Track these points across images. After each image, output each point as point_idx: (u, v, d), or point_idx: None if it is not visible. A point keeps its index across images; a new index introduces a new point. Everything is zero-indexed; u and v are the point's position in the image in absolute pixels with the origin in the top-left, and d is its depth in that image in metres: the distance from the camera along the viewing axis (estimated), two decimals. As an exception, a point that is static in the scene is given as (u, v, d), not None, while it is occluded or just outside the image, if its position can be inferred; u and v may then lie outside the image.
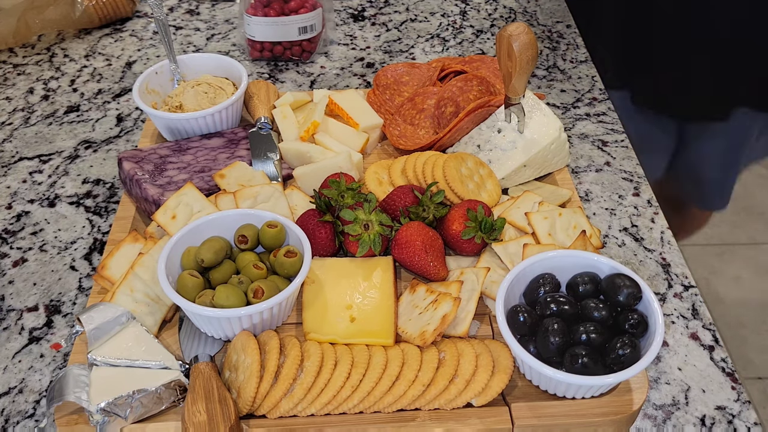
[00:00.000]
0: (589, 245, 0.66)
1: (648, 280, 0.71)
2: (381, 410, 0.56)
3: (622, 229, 0.77)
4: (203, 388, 0.55)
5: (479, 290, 0.63)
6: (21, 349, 0.66)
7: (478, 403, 0.56)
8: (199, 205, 0.69)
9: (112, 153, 0.90)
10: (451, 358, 0.58)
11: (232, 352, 0.59)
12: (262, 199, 0.71)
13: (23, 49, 1.11)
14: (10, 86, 1.03)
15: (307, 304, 0.64)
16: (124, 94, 1.01)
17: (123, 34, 1.15)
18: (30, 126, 0.95)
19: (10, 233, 0.79)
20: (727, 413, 0.60)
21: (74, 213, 0.81)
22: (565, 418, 0.56)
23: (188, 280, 0.61)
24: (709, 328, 0.67)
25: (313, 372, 0.56)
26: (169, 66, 0.87)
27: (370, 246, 0.67)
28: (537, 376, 0.57)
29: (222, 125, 0.83)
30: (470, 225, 0.67)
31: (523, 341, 0.57)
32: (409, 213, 0.69)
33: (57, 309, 0.70)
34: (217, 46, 1.11)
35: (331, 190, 0.69)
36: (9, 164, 0.88)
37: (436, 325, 0.59)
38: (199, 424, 0.52)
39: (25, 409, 0.61)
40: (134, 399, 0.55)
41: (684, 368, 0.64)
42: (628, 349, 0.54)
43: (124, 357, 0.59)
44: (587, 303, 0.58)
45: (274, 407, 0.56)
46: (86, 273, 0.74)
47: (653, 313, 0.57)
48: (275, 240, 0.66)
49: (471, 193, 0.72)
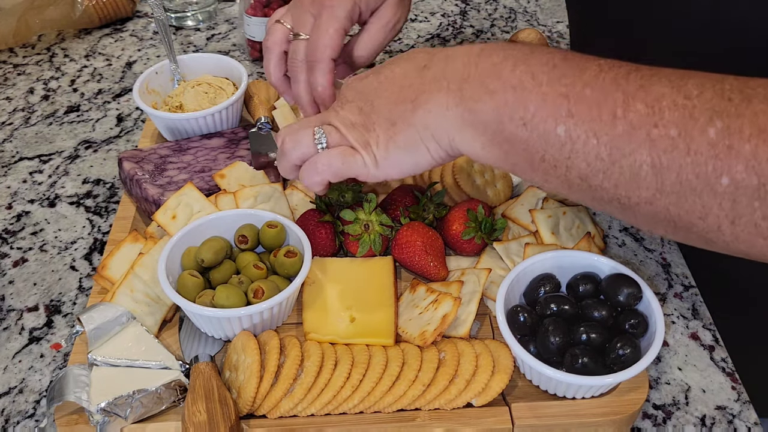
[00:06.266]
0: (593, 247, 0.66)
1: (648, 280, 0.71)
2: (381, 410, 0.56)
3: (623, 229, 0.77)
4: (203, 388, 0.55)
5: (480, 291, 0.63)
6: (21, 349, 0.66)
7: (478, 403, 0.56)
8: (199, 205, 0.69)
9: (112, 153, 0.90)
10: (452, 358, 0.58)
11: (232, 352, 0.59)
12: (262, 199, 0.71)
13: (23, 49, 1.11)
14: (10, 86, 1.03)
15: (308, 304, 0.64)
16: (125, 94, 1.01)
17: (123, 34, 1.15)
18: (30, 126, 0.95)
19: (11, 233, 0.79)
20: (728, 413, 0.60)
21: (74, 213, 0.81)
22: (565, 418, 0.56)
23: (188, 280, 0.61)
24: (709, 328, 0.67)
25: (313, 372, 0.56)
26: (170, 66, 0.87)
27: (370, 246, 0.67)
28: (537, 376, 0.57)
29: (222, 125, 0.83)
30: (470, 225, 0.67)
31: (523, 341, 0.57)
32: (409, 213, 0.69)
33: (57, 309, 0.70)
34: (217, 46, 1.11)
35: (332, 190, 0.69)
36: (9, 164, 0.88)
37: (436, 325, 0.59)
38: (200, 424, 0.52)
39: (25, 409, 0.61)
40: (134, 399, 0.55)
41: (684, 368, 0.64)
42: (628, 349, 0.54)
43: (124, 357, 0.59)
44: (587, 303, 0.59)
45: (274, 407, 0.56)
46: (86, 273, 0.74)
47: (653, 313, 0.57)
48: (275, 240, 0.66)
49: (476, 189, 0.72)
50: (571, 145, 0.44)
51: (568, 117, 0.43)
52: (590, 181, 0.44)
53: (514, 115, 0.45)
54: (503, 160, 0.48)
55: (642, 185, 0.42)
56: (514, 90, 0.46)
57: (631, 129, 0.42)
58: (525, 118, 0.45)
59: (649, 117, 0.41)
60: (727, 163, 0.38)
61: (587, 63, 0.45)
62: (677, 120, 0.40)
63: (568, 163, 0.44)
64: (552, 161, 0.45)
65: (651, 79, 0.42)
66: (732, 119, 0.39)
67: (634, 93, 0.42)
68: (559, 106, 0.44)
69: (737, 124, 0.38)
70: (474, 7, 1.21)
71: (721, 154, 0.39)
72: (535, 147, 0.45)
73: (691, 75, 0.42)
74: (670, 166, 0.40)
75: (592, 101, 0.43)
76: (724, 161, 0.38)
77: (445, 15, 1.19)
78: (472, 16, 1.18)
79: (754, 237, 0.40)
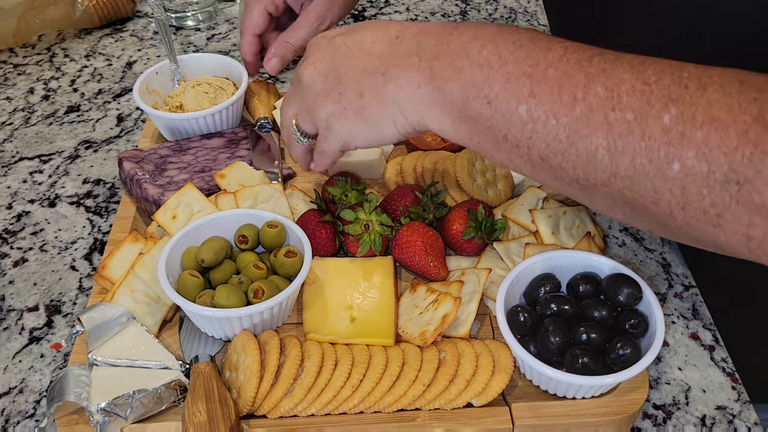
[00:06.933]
0: (593, 247, 0.66)
1: (648, 280, 0.71)
2: (381, 410, 0.56)
3: (623, 229, 0.77)
4: (203, 388, 0.55)
5: (480, 291, 0.63)
6: (21, 349, 0.66)
7: (478, 403, 0.56)
8: (199, 205, 0.69)
9: (112, 153, 0.90)
10: (452, 358, 0.58)
11: (233, 352, 0.59)
12: (262, 199, 0.71)
13: (23, 49, 1.11)
14: (11, 86, 1.03)
15: (308, 304, 0.64)
16: (125, 94, 1.01)
17: (123, 34, 1.15)
18: (30, 126, 0.95)
19: (11, 233, 0.79)
20: (728, 413, 0.60)
21: (74, 213, 0.81)
22: (566, 418, 0.56)
23: (188, 280, 0.61)
24: (710, 328, 0.67)
25: (313, 372, 0.56)
26: (170, 66, 0.87)
27: (370, 246, 0.67)
28: (537, 376, 0.57)
29: (222, 125, 0.83)
30: (470, 225, 0.67)
31: (523, 341, 0.57)
32: (410, 213, 0.69)
33: (57, 309, 0.70)
34: (217, 46, 1.11)
35: (336, 188, 0.69)
36: (9, 164, 0.88)
37: (436, 325, 0.59)
38: (200, 424, 0.52)
39: (25, 409, 0.61)
40: (134, 399, 0.55)
41: (684, 368, 0.64)
42: (628, 349, 0.54)
43: (124, 357, 0.59)
44: (587, 303, 0.59)
45: (274, 407, 0.56)
46: (86, 273, 0.74)
47: (653, 313, 0.57)
48: (275, 240, 0.66)
49: (477, 188, 0.72)
50: (532, 125, 0.45)
51: (530, 97, 0.45)
52: (550, 161, 0.45)
53: (479, 94, 0.47)
54: (469, 138, 0.49)
55: (598, 168, 0.43)
56: (480, 69, 0.47)
57: (589, 112, 0.42)
58: (489, 96, 0.46)
59: (608, 101, 0.42)
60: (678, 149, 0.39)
61: (553, 44, 0.46)
62: (634, 105, 0.41)
63: (529, 143, 0.45)
64: (514, 141, 0.46)
65: (614, 64, 0.43)
66: (686, 106, 0.39)
67: (596, 76, 0.43)
68: (522, 85, 0.45)
69: (691, 112, 0.39)
70: (474, 7, 1.21)
71: (674, 141, 0.39)
72: (498, 126, 0.47)
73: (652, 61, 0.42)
74: (625, 150, 0.41)
75: (554, 82, 0.44)
76: (676, 147, 0.39)
77: (445, 15, 1.19)
78: (472, 16, 1.18)
79: (703, 224, 0.40)
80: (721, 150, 0.38)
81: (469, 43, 0.48)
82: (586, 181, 0.44)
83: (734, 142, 0.37)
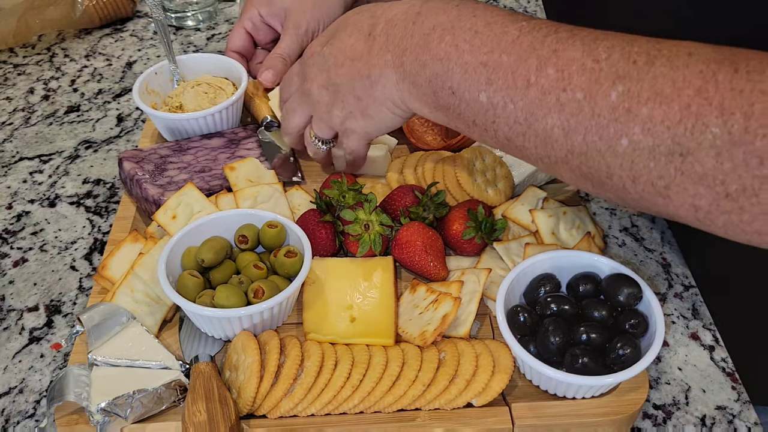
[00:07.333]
0: (593, 247, 0.66)
1: (648, 280, 0.71)
2: (381, 410, 0.56)
3: (623, 229, 0.77)
4: (203, 388, 0.55)
5: (480, 291, 0.63)
6: (21, 349, 0.66)
7: (478, 403, 0.56)
8: (199, 205, 0.69)
9: (112, 153, 0.90)
10: (452, 358, 0.58)
11: (233, 352, 0.59)
12: (262, 199, 0.71)
13: (23, 49, 1.11)
14: (11, 86, 1.03)
15: (308, 304, 0.64)
16: (125, 94, 1.01)
17: (123, 34, 1.15)
18: (30, 126, 0.95)
19: (11, 233, 0.79)
20: (728, 413, 0.60)
21: (74, 213, 0.81)
22: (565, 418, 0.56)
23: (188, 280, 0.61)
24: (710, 328, 0.67)
25: (313, 372, 0.56)
26: (169, 66, 0.87)
27: (370, 246, 0.67)
28: (537, 376, 0.57)
29: (222, 125, 0.83)
30: (470, 225, 0.67)
31: (523, 341, 0.57)
32: (410, 213, 0.69)
33: (57, 309, 0.70)
34: (217, 46, 1.11)
35: (333, 190, 0.69)
36: (9, 164, 0.88)
37: (436, 325, 0.59)
38: (200, 424, 0.52)
39: (25, 409, 0.61)
40: (134, 399, 0.55)
41: (684, 368, 0.64)
42: (628, 349, 0.54)
43: (124, 357, 0.59)
44: (587, 303, 0.59)
45: (274, 407, 0.56)
46: (86, 273, 0.74)
47: (653, 313, 0.57)
48: (275, 240, 0.66)
49: (477, 188, 0.72)
50: (494, 111, 0.47)
51: (488, 85, 0.47)
52: (515, 142, 0.48)
53: (444, 85, 0.50)
54: (448, 123, 0.54)
55: (555, 146, 0.45)
56: (441, 62, 0.49)
57: (542, 94, 0.44)
58: (453, 87, 0.49)
59: (559, 82, 0.43)
60: (625, 125, 0.41)
61: (509, 27, 0.47)
62: (584, 84, 0.42)
63: (494, 126, 0.48)
64: (482, 125, 0.49)
65: (566, 43, 0.44)
66: (633, 83, 0.40)
67: (547, 58, 0.44)
68: (479, 74, 0.47)
69: (637, 88, 0.40)
70: (474, 7, 1.21)
71: (621, 117, 0.41)
72: (465, 113, 0.49)
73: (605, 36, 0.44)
74: (577, 128, 0.43)
75: (508, 68, 0.46)
76: (623, 124, 0.41)
77: (445, 15, 1.19)
78: (472, 16, 1.18)
79: (653, 196, 0.42)
80: (665, 124, 0.39)
81: (428, 34, 0.51)
82: (548, 158, 0.46)
83: (677, 116, 0.38)
